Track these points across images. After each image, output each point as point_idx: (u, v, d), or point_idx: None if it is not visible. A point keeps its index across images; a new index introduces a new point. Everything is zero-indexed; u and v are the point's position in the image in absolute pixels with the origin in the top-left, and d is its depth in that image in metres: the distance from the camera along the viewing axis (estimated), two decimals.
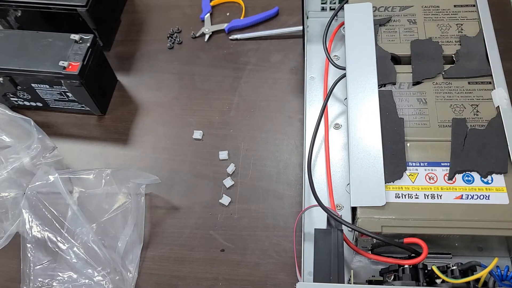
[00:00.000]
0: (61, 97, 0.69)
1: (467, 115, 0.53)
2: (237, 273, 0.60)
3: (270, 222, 0.63)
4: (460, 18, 0.60)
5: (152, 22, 0.82)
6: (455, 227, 0.47)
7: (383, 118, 0.53)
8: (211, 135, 0.70)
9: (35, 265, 0.60)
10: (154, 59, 0.78)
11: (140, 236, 0.62)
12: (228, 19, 0.80)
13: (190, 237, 0.63)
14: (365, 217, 0.48)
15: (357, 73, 0.57)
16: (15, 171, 0.62)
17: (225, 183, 0.66)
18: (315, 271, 0.47)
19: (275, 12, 0.80)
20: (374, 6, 0.61)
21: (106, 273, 0.58)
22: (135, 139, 0.71)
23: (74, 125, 0.73)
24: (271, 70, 0.75)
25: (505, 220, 0.47)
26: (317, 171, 0.60)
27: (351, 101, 0.55)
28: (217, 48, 0.78)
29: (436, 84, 0.55)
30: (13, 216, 0.62)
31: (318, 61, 0.68)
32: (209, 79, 0.75)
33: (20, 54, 0.65)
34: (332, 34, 0.66)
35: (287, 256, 0.60)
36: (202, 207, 0.65)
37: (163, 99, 0.74)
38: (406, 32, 0.59)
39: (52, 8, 0.71)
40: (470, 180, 0.50)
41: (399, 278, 0.47)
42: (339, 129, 0.62)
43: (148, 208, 0.65)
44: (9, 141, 0.65)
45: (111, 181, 0.62)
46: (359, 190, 0.50)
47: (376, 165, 0.51)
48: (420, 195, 0.49)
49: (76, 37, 0.65)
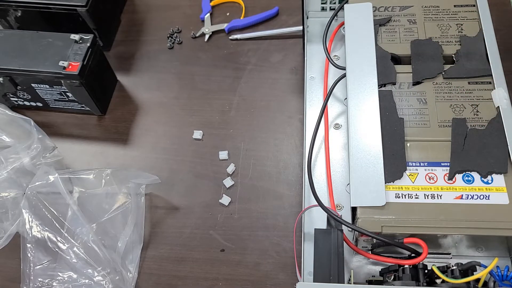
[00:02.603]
0: (61, 97, 0.69)
1: (467, 115, 0.53)
2: (237, 273, 0.60)
3: (270, 222, 0.63)
4: (460, 18, 0.60)
5: (152, 22, 0.82)
6: (455, 227, 0.47)
7: (383, 118, 0.53)
8: (211, 135, 0.70)
9: (35, 265, 0.60)
10: (154, 59, 0.78)
11: (140, 236, 0.62)
12: (228, 19, 0.80)
13: (190, 237, 0.63)
14: (365, 217, 0.48)
15: (357, 73, 0.57)
16: (15, 171, 0.62)
17: (225, 183, 0.66)
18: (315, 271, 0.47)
19: (275, 12, 0.80)
20: (374, 6, 0.61)
21: (106, 273, 0.58)
22: (135, 139, 0.71)
23: (74, 125, 0.73)
24: (271, 70, 0.75)
25: (505, 220, 0.47)
26: (317, 171, 0.60)
27: (351, 101, 0.55)
28: (217, 48, 0.78)
29: (436, 84, 0.55)
30: (13, 216, 0.62)
31: (318, 61, 0.68)
32: (209, 79, 0.75)
33: (20, 54, 0.65)
34: (332, 34, 0.66)
35: (287, 256, 0.60)
36: (202, 207, 0.65)
37: (163, 99, 0.74)
38: (406, 32, 0.59)
39: (52, 8, 0.71)
40: (470, 180, 0.50)
41: (399, 278, 0.47)
42: (339, 129, 0.62)
43: (148, 208, 0.65)
44: (9, 141, 0.65)
45: (111, 181, 0.62)
46: (359, 190, 0.50)
47: (376, 165, 0.51)
48: (420, 195, 0.49)
49: (76, 37, 0.65)
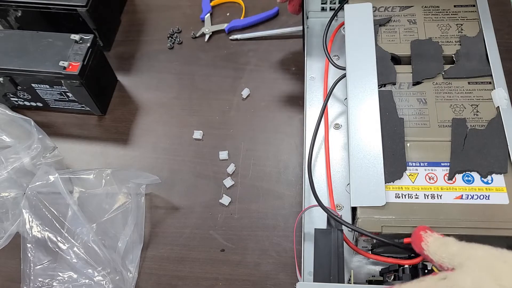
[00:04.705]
0: (61, 97, 0.69)
1: (467, 115, 0.53)
2: (237, 273, 0.60)
3: (270, 222, 0.63)
4: (460, 18, 0.60)
5: (152, 22, 0.82)
6: (455, 227, 0.47)
7: (383, 118, 0.53)
8: (211, 135, 0.70)
9: (35, 265, 0.60)
10: (154, 59, 0.78)
11: (140, 236, 0.62)
12: (228, 19, 0.80)
13: (190, 237, 0.63)
14: (365, 217, 0.48)
15: (357, 73, 0.57)
16: (15, 171, 0.62)
17: (225, 183, 0.66)
18: (315, 271, 0.47)
19: (275, 12, 0.80)
20: (374, 6, 0.61)
21: (106, 273, 0.58)
22: (135, 139, 0.71)
23: (74, 125, 0.73)
24: (271, 70, 0.75)
25: (505, 220, 0.47)
26: (317, 171, 0.60)
27: (351, 101, 0.55)
28: (217, 48, 0.78)
29: (436, 84, 0.55)
30: (13, 216, 0.62)
31: (318, 61, 0.68)
32: (209, 79, 0.75)
33: (20, 54, 0.65)
34: (332, 34, 0.66)
35: (287, 256, 0.60)
36: (202, 207, 0.65)
37: (163, 99, 0.74)
38: (406, 32, 0.59)
39: (52, 8, 0.71)
40: (470, 180, 0.50)
41: (399, 278, 0.47)
42: (339, 129, 0.62)
43: (148, 208, 0.65)
44: (9, 141, 0.65)
45: (111, 181, 0.62)
46: (359, 190, 0.50)
47: (376, 165, 0.51)
48: (420, 195, 0.49)
49: (76, 37, 0.65)
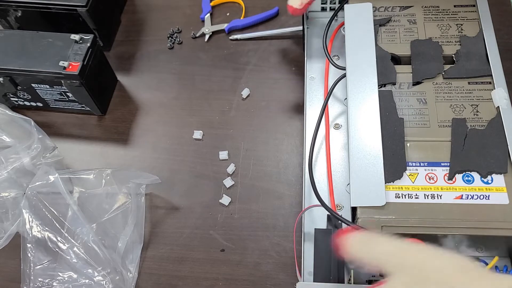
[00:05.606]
0: (61, 97, 0.69)
1: (467, 115, 0.53)
2: (237, 273, 0.60)
3: (270, 222, 0.63)
4: (460, 18, 0.60)
5: (152, 22, 0.82)
6: (455, 227, 0.47)
7: (383, 118, 0.53)
8: (211, 135, 0.70)
9: (35, 265, 0.60)
10: (154, 59, 0.78)
11: (140, 236, 0.62)
12: (228, 19, 0.80)
13: (190, 237, 0.63)
14: (365, 217, 0.48)
15: (357, 73, 0.57)
16: (15, 171, 0.62)
17: (225, 183, 0.66)
18: (315, 271, 0.47)
19: (275, 12, 0.80)
20: (374, 6, 0.61)
21: (106, 273, 0.58)
22: (135, 139, 0.71)
23: (74, 125, 0.73)
24: (271, 70, 0.75)
25: (505, 220, 0.47)
26: (317, 171, 0.60)
27: (351, 101, 0.55)
28: (217, 48, 0.78)
29: (436, 84, 0.55)
30: (13, 216, 0.62)
31: (318, 61, 0.68)
32: (209, 79, 0.75)
33: (20, 54, 0.65)
34: (332, 34, 0.66)
35: (287, 256, 0.60)
36: (202, 207, 0.65)
37: (163, 99, 0.74)
38: (406, 32, 0.59)
39: (52, 8, 0.71)
40: (470, 180, 0.50)
41: None
42: (339, 129, 0.62)
43: (148, 208, 0.65)
44: (9, 141, 0.65)
45: (111, 181, 0.62)
46: (359, 190, 0.50)
47: (376, 165, 0.51)
48: (420, 195, 0.49)
49: (76, 37, 0.65)
